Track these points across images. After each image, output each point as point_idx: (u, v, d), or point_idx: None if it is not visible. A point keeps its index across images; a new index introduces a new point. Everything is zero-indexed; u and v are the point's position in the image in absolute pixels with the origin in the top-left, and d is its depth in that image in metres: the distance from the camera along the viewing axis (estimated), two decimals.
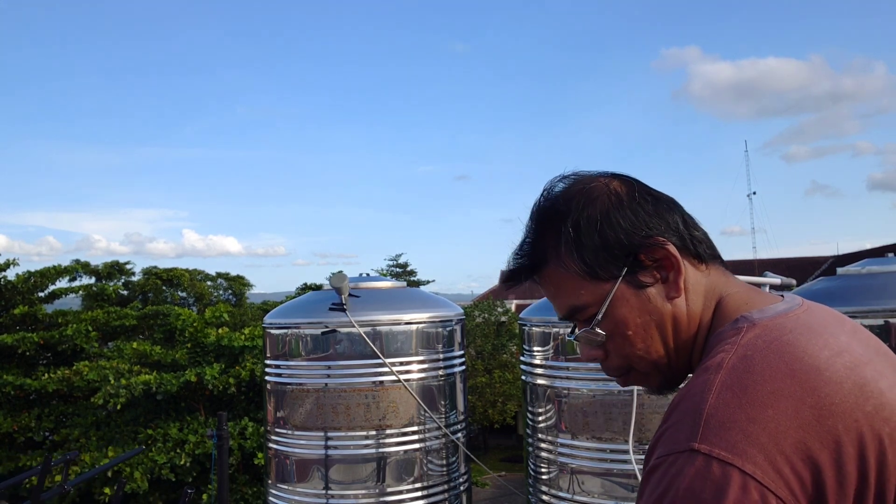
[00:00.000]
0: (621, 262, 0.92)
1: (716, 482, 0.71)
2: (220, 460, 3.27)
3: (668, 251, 0.91)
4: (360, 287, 3.57)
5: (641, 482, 0.80)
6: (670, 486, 0.74)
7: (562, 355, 3.20)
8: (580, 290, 0.94)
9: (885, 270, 3.03)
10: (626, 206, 0.93)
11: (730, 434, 0.73)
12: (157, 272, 18.55)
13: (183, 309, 13.00)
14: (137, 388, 9.55)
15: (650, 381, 0.98)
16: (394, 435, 3.38)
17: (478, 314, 19.19)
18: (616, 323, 0.93)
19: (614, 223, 0.92)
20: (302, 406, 3.43)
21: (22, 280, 13.18)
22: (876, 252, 13.23)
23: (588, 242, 0.92)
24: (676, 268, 0.92)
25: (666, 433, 0.79)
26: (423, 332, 3.50)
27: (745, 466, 0.71)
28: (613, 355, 0.96)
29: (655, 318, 0.93)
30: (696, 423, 0.75)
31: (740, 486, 0.71)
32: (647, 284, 0.92)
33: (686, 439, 0.75)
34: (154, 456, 9.46)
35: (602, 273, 0.92)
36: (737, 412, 0.75)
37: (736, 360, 0.80)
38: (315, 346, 3.43)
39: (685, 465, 0.74)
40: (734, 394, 0.76)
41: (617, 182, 0.96)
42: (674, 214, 0.95)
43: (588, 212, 0.93)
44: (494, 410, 17.80)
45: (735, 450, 0.72)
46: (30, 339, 11.39)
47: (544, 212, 0.97)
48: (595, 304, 0.93)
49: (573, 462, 3.13)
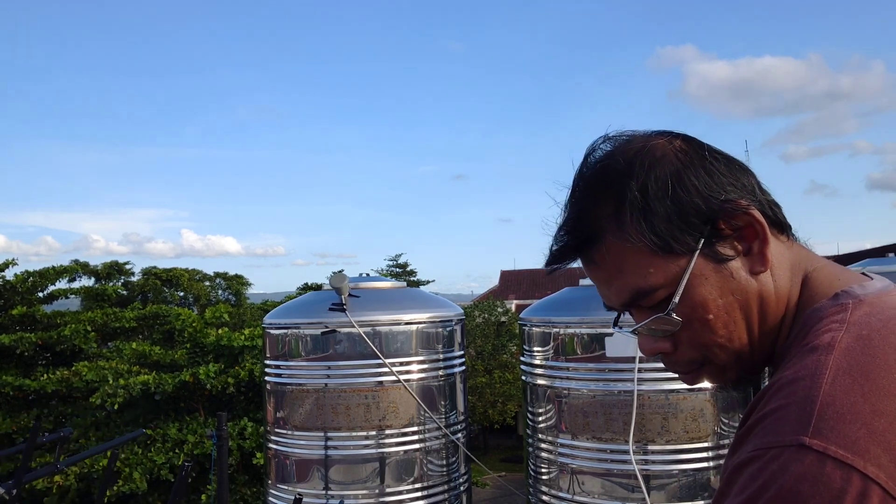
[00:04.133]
0: (698, 232, 0.76)
1: (830, 486, 0.58)
2: (220, 460, 3.26)
3: (752, 217, 0.77)
4: (359, 287, 3.57)
5: (727, 478, 0.67)
6: (769, 485, 0.61)
7: (562, 355, 3.19)
8: (649, 269, 0.78)
9: (886, 270, 3.03)
10: (698, 166, 0.78)
11: (850, 429, 0.60)
12: (157, 272, 18.53)
13: (182, 309, 13.00)
14: (136, 389, 9.55)
15: (727, 375, 0.82)
16: (394, 435, 3.37)
17: (478, 314, 19.19)
18: (694, 306, 0.77)
19: (688, 185, 0.77)
20: (302, 406, 3.43)
21: (21, 280, 13.16)
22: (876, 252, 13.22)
23: (659, 209, 0.76)
24: (762, 236, 0.78)
25: (765, 421, 0.65)
26: (423, 332, 3.50)
27: (867, 469, 0.59)
28: (686, 346, 0.80)
29: (739, 297, 0.78)
30: (807, 412, 0.62)
31: (860, 492, 0.58)
32: (728, 258, 0.77)
33: (794, 431, 0.62)
34: (153, 456, 9.45)
35: (677, 246, 0.76)
36: (859, 402, 0.62)
37: (851, 341, 0.68)
38: (315, 346, 3.42)
39: (791, 462, 0.61)
40: (854, 380, 0.63)
41: (680, 141, 0.81)
42: (748, 177, 0.81)
43: (656, 172, 0.77)
44: (494, 410, 17.80)
45: (856, 448, 0.60)
46: (28, 339, 11.38)
47: (598, 175, 0.80)
48: (668, 285, 0.77)
49: (573, 462, 3.12)
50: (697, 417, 2.95)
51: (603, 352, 3.05)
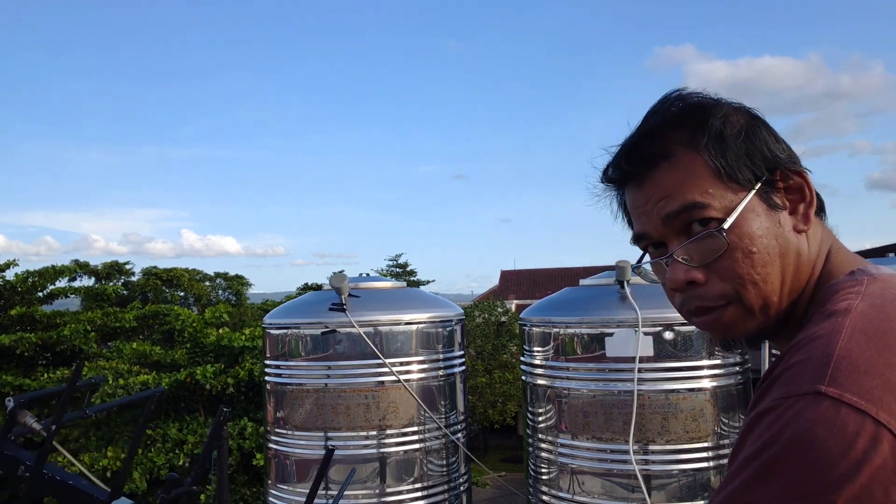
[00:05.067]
0: (760, 173, 0.83)
1: (844, 430, 0.62)
2: (220, 460, 3.26)
3: (806, 179, 0.85)
4: (359, 287, 3.57)
5: (746, 426, 0.70)
6: (786, 428, 0.65)
7: (562, 355, 3.19)
8: (708, 189, 0.82)
9: None
10: (766, 128, 0.87)
11: (865, 379, 0.65)
12: (157, 272, 18.55)
13: (183, 309, 13.00)
14: (135, 389, 9.55)
15: (746, 323, 0.85)
16: (394, 435, 3.37)
17: (478, 314, 19.20)
18: (741, 236, 0.82)
19: (760, 136, 0.85)
20: (302, 406, 3.43)
21: (21, 280, 13.16)
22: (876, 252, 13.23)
23: (732, 143, 0.83)
24: (809, 199, 0.85)
25: (786, 374, 0.70)
26: (423, 332, 3.50)
27: (879, 415, 0.63)
28: (718, 278, 0.83)
29: (782, 243, 0.83)
30: (824, 364, 0.67)
31: (871, 436, 0.62)
32: (779, 207, 0.84)
33: (811, 381, 0.66)
34: (153, 456, 9.45)
35: (741, 176, 0.83)
36: (874, 357, 0.66)
37: (866, 307, 0.73)
38: (315, 346, 3.42)
39: (807, 408, 0.64)
40: (869, 338, 0.68)
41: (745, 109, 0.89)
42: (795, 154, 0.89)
43: (736, 117, 0.85)
44: (494, 410, 17.81)
45: (870, 396, 0.63)
46: (28, 339, 11.38)
47: (682, 106, 0.87)
48: (720, 210, 0.82)
49: (573, 462, 3.12)
50: (697, 417, 2.95)
51: (603, 352, 3.05)
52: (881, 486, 0.61)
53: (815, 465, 0.62)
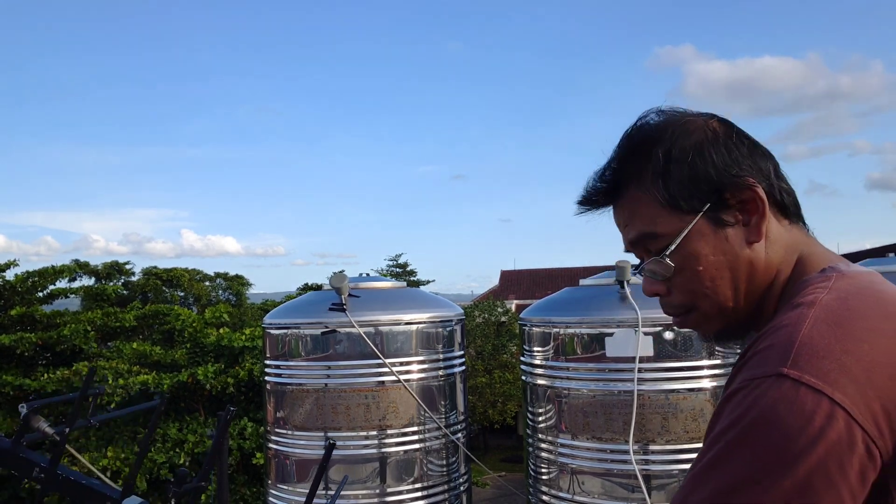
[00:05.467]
0: (706, 197, 0.90)
1: (803, 408, 0.69)
2: (220, 460, 3.26)
3: (755, 193, 0.89)
4: (359, 287, 3.56)
5: (718, 407, 0.78)
6: (752, 407, 0.72)
7: (562, 355, 3.19)
8: (657, 218, 0.92)
9: (886, 270, 3.03)
10: (721, 144, 0.91)
11: (823, 363, 0.72)
12: (157, 272, 18.54)
13: (183, 309, 13.00)
14: (135, 389, 9.56)
15: (711, 324, 0.95)
16: (394, 435, 3.37)
17: (478, 314, 19.20)
18: (687, 256, 0.91)
19: (707, 157, 0.90)
20: (302, 406, 3.43)
21: (21, 280, 13.15)
22: (876, 252, 13.24)
23: (676, 172, 0.90)
24: (761, 212, 0.90)
25: (753, 359, 0.77)
26: (423, 332, 3.50)
27: (834, 395, 0.70)
28: (678, 291, 0.94)
29: (730, 258, 0.90)
30: (787, 350, 0.74)
31: (827, 414, 0.69)
32: (727, 224, 0.90)
33: (775, 364, 0.73)
34: (153, 456, 9.45)
35: (684, 204, 0.90)
36: (832, 343, 0.73)
37: (831, 299, 0.79)
38: (315, 346, 3.42)
39: (771, 388, 0.72)
40: (829, 326, 0.75)
41: (716, 121, 0.94)
42: (767, 162, 0.93)
43: (682, 142, 0.91)
44: (494, 410, 17.80)
45: (827, 378, 0.71)
46: (28, 339, 11.38)
47: (635, 137, 0.95)
48: (669, 235, 0.91)
49: (573, 462, 3.12)
50: (697, 417, 2.95)
51: (603, 352, 3.05)
52: (836, 459, 0.68)
53: (776, 440, 0.69)
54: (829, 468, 0.68)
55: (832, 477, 0.68)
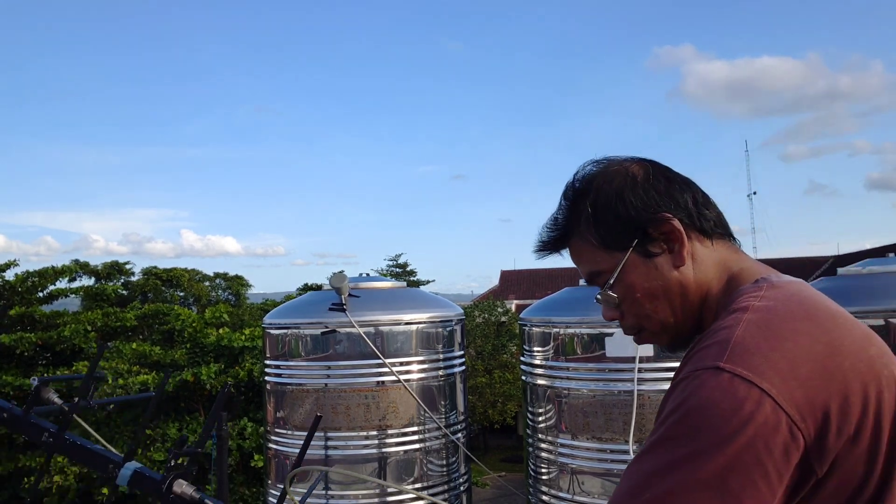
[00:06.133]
0: (632, 235, 1.04)
1: (735, 395, 0.81)
2: (220, 460, 3.26)
3: (672, 225, 1.03)
4: (359, 287, 3.56)
5: (666, 394, 0.91)
6: (692, 395, 0.84)
7: (562, 355, 3.19)
8: (598, 259, 1.08)
9: (886, 270, 3.03)
10: (639, 187, 1.05)
11: (753, 358, 0.84)
12: (157, 272, 18.51)
13: (183, 309, 12.99)
14: (135, 389, 9.55)
15: (660, 339, 1.10)
16: (394, 435, 3.37)
17: (478, 314, 19.17)
18: (627, 287, 1.06)
19: (627, 201, 1.04)
20: (302, 406, 3.42)
21: (20, 280, 13.14)
22: (876, 252, 13.23)
23: (604, 218, 1.06)
24: (681, 240, 1.03)
25: (696, 355, 0.90)
26: (423, 332, 3.50)
27: (762, 384, 0.81)
28: (627, 315, 1.09)
29: (662, 283, 1.04)
30: (724, 348, 0.86)
31: (756, 400, 0.80)
32: (655, 254, 1.04)
33: (714, 359, 0.86)
34: (153, 456, 9.45)
35: (615, 244, 1.05)
36: (761, 342, 0.86)
37: (761, 305, 0.92)
38: (315, 346, 3.42)
39: (709, 378, 0.84)
40: (759, 328, 0.88)
41: (636, 165, 1.08)
42: (685, 194, 1.07)
43: (605, 192, 1.06)
44: (494, 410, 17.79)
45: (756, 370, 0.83)
46: (28, 339, 11.37)
47: (570, 192, 1.11)
48: (609, 271, 1.06)
49: (573, 462, 3.12)
50: None
51: (603, 352, 3.05)
52: (763, 439, 0.79)
53: (712, 422, 0.81)
54: (757, 447, 0.79)
55: (760, 454, 0.79)
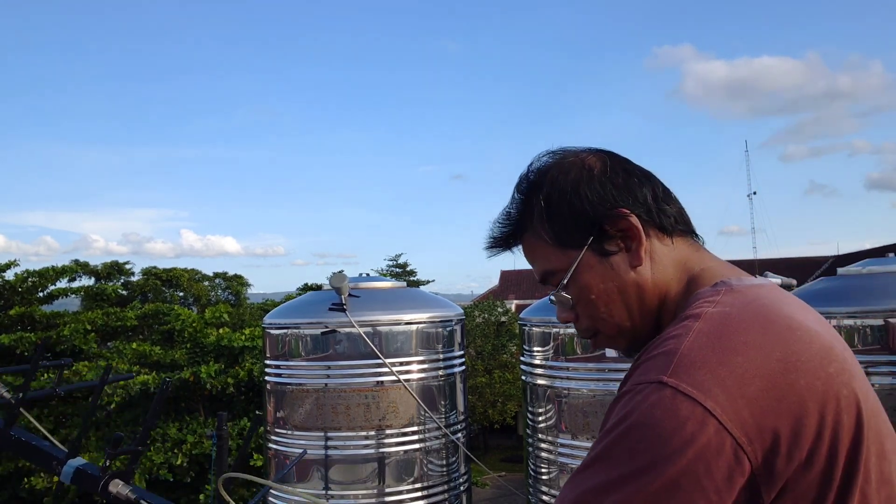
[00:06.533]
0: (587, 232, 0.96)
1: (678, 413, 0.75)
2: (220, 460, 3.26)
3: (630, 222, 0.95)
4: (359, 287, 3.56)
5: (610, 406, 0.85)
6: (633, 410, 0.78)
7: (562, 355, 3.19)
8: (551, 257, 1.00)
9: (886, 270, 3.03)
10: (595, 180, 0.97)
11: (698, 373, 0.77)
12: (157, 272, 18.51)
13: (183, 309, 12.99)
14: (135, 388, 9.55)
15: (617, 343, 1.03)
16: (394, 435, 3.37)
17: (478, 314, 19.18)
18: (581, 288, 0.99)
19: (582, 196, 0.96)
20: (302, 406, 3.43)
21: (20, 280, 13.14)
22: (876, 252, 13.23)
23: (557, 213, 0.98)
24: (638, 238, 0.95)
25: (641, 366, 0.84)
26: (423, 332, 3.50)
27: (706, 403, 0.75)
28: (582, 317, 1.02)
29: (618, 284, 0.97)
30: (669, 360, 0.80)
31: (699, 420, 0.74)
32: (611, 253, 0.97)
33: (658, 373, 0.79)
34: (152, 456, 9.45)
35: (569, 241, 0.98)
36: (709, 355, 0.79)
37: (715, 313, 0.85)
38: (315, 346, 3.42)
39: (651, 394, 0.78)
40: (709, 339, 0.81)
41: (593, 157, 1.00)
42: (644, 189, 0.98)
43: (559, 185, 0.98)
44: (494, 410, 17.80)
45: (701, 387, 0.76)
46: (27, 339, 11.37)
47: (523, 185, 1.03)
48: (563, 271, 0.99)
49: (573, 462, 3.12)
50: None
51: (603, 352, 3.05)
52: (704, 462, 0.74)
53: (651, 442, 0.75)
54: (697, 470, 0.74)
55: (699, 478, 0.74)
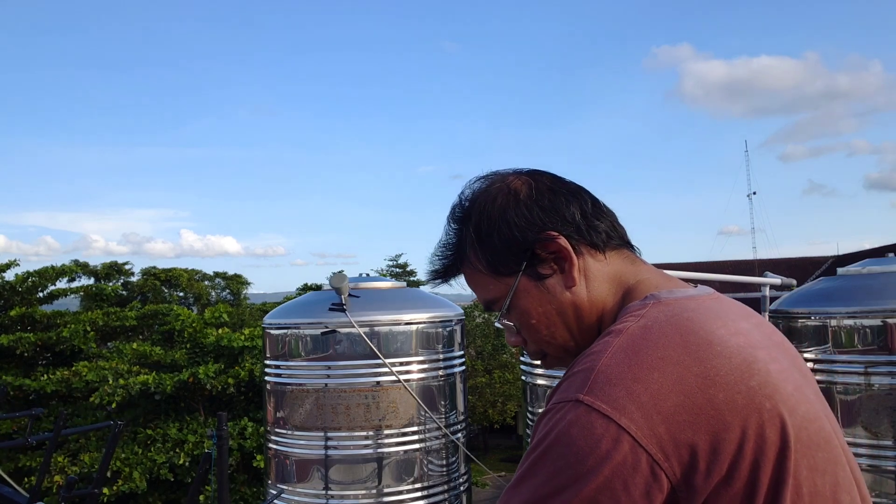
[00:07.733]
0: (520, 258, 0.97)
1: (593, 431, 0.76)
2: (220, 460, 3.26)
3: (559, 244, 0.95)
4: (359, 287, 3.56)
5: (535, 424, 0.87)
6: (553, 429, 0.80)
7: None
8: (489, 285, 1.01)
9: (885, 270, 3.03)
10: (521, 204, 0.97)
11: (613, 390, 0.78)
12: (156, 272, 18.52)
13: (182, 309, 13.00)
14: (135, 389, 9.56)
15: (564, 363, 1.01)
16: (394, 435, 3.37)
17: (478, 314, 19.19)
18: (521, 313, 0.99)
19: (510, 222, 0.97)
20: (302, 406, 3.43)
21: (20, 280, 13.14)
22: (876, 252, 13.23)
23: (488, 243, 0.98)
24: (570, 259, 0.96)
25: (563, 384, 0.85)
26: (422, 332, 3.50)
27: (621, 421, 0.76)
28: (529, 341, 1.03)
29: (556, 306, 0.97)
30: (587, 377, 0.81)
31: (614, 438, 0.75)
32: (545, 276, 0.97)
33: (575, 390, 0.81)
34: (153, 456, 9.46)
35: (504, 269, 0.98)
36: (625, 371, 0.80)
37: (636, 328, 0.86)
38: (315, 346, 3.42)
39: (569, 412, 0.79)
40: (626, 355, 0.82)
41: (518, 180, 1.01)
42: (572, 206, 0.98)
43: (487, 213, 0.99)
44: (494, 410, 17.81)
45: (616, 405, 0.77)
46: (27, 339, 11.38)
47: (454, 216, 1.05)
48: (502, 297, 0.99)
49: None
50: None
51: None
52: (621, 479, 0.75)
53: (568, 460, 0.77)
54: (614, 487, 0.75)
55: (618, 495, 0.75)
